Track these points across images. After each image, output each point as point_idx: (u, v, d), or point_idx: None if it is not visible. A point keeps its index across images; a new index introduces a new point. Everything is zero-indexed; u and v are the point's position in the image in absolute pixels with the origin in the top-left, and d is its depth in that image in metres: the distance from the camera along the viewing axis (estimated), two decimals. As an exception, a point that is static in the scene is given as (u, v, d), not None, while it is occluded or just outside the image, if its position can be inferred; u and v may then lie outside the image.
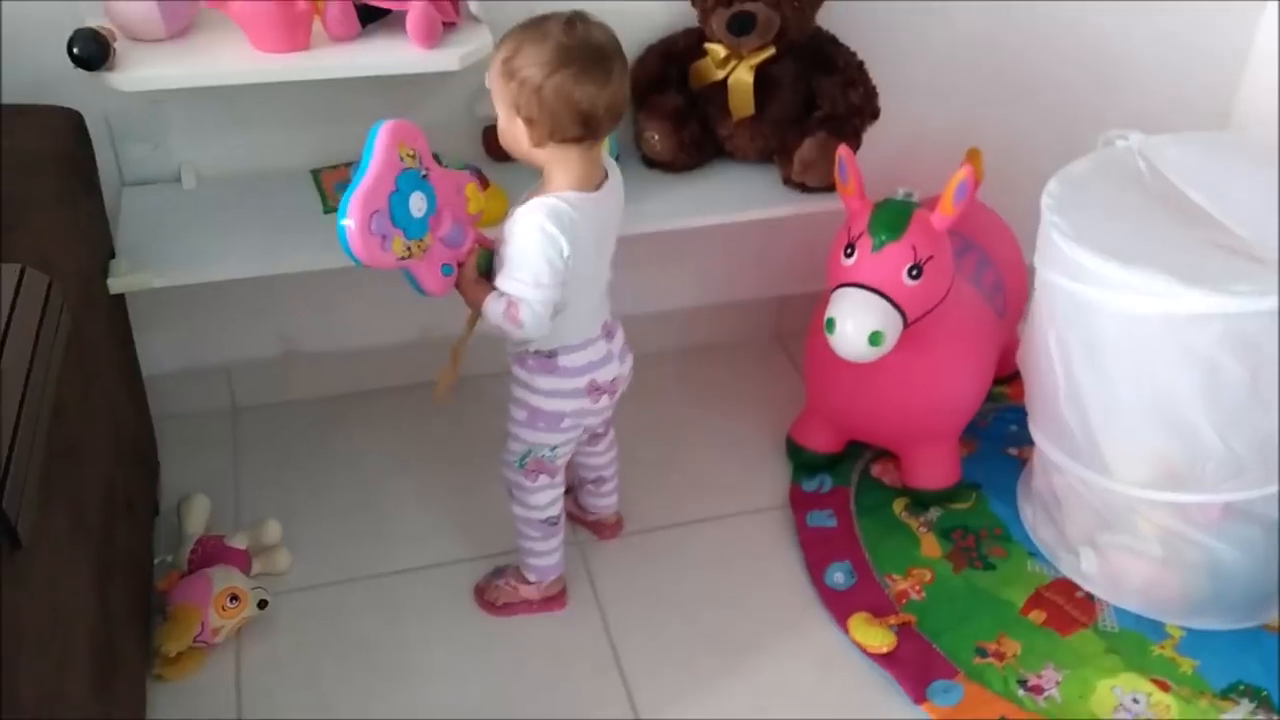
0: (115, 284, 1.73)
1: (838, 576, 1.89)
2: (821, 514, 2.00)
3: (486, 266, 1.58)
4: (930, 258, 1.76)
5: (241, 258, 1.81)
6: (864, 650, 1.78)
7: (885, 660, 1.76)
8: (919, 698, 1.71)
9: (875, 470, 2.10)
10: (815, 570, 1.91)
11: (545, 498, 1.74)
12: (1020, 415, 2.12)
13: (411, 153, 1.49)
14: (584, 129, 1.46)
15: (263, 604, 1.75)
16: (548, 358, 1.61)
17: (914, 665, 1.75)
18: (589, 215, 1.51)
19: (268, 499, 2.01)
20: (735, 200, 1.99)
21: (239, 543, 1.83)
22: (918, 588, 1.88)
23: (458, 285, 1.56)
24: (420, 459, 2.11)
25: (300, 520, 1.95)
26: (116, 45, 1.65)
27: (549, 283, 1.49)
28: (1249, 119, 2.46)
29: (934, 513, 2.01)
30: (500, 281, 1.53)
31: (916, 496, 2.03)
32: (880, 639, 1.77)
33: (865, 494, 2.05)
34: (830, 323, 1.75)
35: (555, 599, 1.83)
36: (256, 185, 1.97)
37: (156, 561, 1.83)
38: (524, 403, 1.66)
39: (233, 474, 2.06)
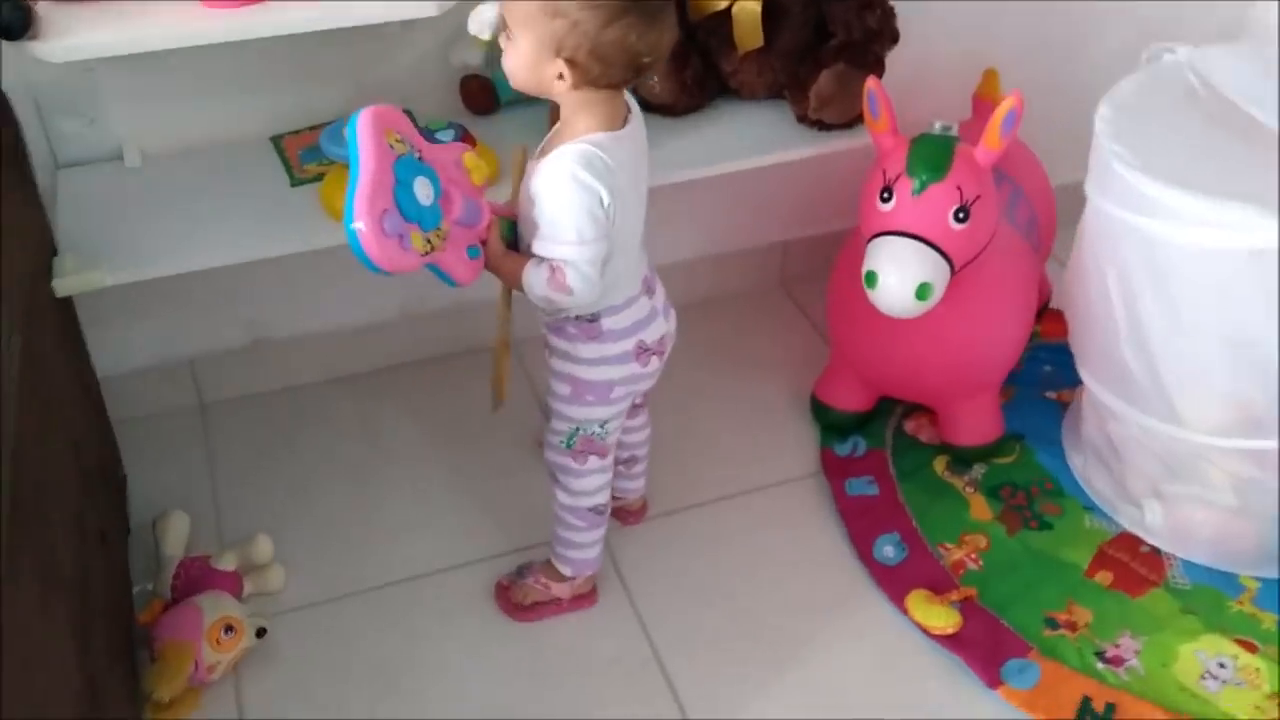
0: (62, 285, 1.51)
1: (887, 550, 1.74)
2: (860, 481, 1.84)
3: (511, 235, 1.39)
4: (977, 198, 1.59)
5: (203, 245, 1.59)
6: (927, 632, 1.63)
7: (951, 642, 1.61)
8: (993, 681, 1.57)
9: (909, 427, 1.94)
10: (861, 544, 1.75)
11: (594, 482, 1.57)
12: (1055, 355, 1.98)
13: (398, 137, 1.29)
14: (634, 74, 1.30)
15: (261, 632, 1.57)
16: (590, 322, 1.43)
17: (983, 645, 1.61)
18: (622, 156, 1.33)
19: (249, 506, 1.81)
20: (748, 144, 1.80)
21: (227, 564, 1.64)
22: (974, 556, 1.73)
23: (488, 266, 1.37)
24: (415, 447, 1.92)
25: (288, 528, 1.76)
26: (38, 7, 1.42)
27: (593, 237, 1.31)
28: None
29: (978, 470, 1.87)
30: (538, 247, 1.34)
31: (958, 454, 1.87)
32: (944, 619, 1.62)
33: (903, 455, 1.89)
34: (871, 277, 1.58)
35: (586, 596, 1.67)
36: (211, 158, 1.74)
37: (135, 590, 1.63)
38: (567, 376, 1.48)
39: (208, 479, 1.86)
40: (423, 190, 1.29)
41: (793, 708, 1.56)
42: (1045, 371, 2.02)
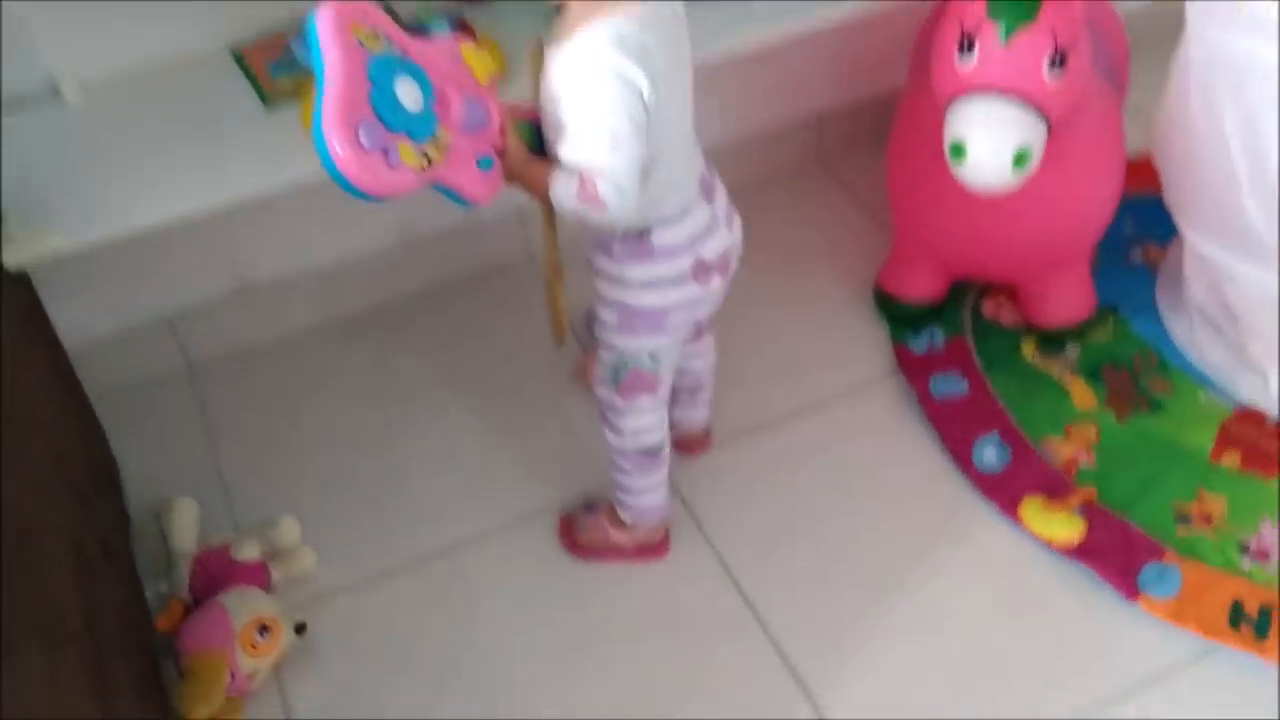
0: (13, 255, 1.27)
1: (988, 454, 1.55)
2: (945, 378, 1.64)
3: (533, 140, 1.15)
4: (1073, 43, 1.35)
5: (170, 190, 1.34)
6: (1049, 544, 1.45)
7: (1079, 553, 1.43)
8: (1131, 591, 1.39)
9: (988, 309, 1.73)
10: (958, 450, 1.56)
11: (644, 421, 1.36)
12: (1139, 211, 1.77)
13: (371, 33, 1.04)
14: None
15: (300, 628, 1.37)
16: (638, 239, 1.21)
17: (1114, 552, 1.43)
18: (660, 34, 1.10)
19: (260, 481, 1.59)
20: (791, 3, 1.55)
21: (250, 553, 1.43)
22: (1085, 451, 1.54)
23: (508, 178, 1.14)
24: (436, 391, 1.70)
25: (306, 501, 1.55)
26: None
27: (630, 137, 1.08)
28: None
29: (1072, 351, 1.66)
30: (565, 153, 1.11)
31: (1048, 335, 1.67)
32: (1066, 528, 1.44)
33: (986, 342, 1.69)
34: (958, 149, 1.35)
35: (655, 548, 1.48)
36: (163, 83, 1.48)
37: (148, 595, 1.42)
38: (614, 302, 1.26)
39: (209, 454, 1.64)
40: (408, 93, 1.05)
41: (909, 642, 1.39)
42: (1127, 230, 1.80)
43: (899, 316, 1.72)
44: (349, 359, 1.75)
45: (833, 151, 2.01)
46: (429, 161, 1.05)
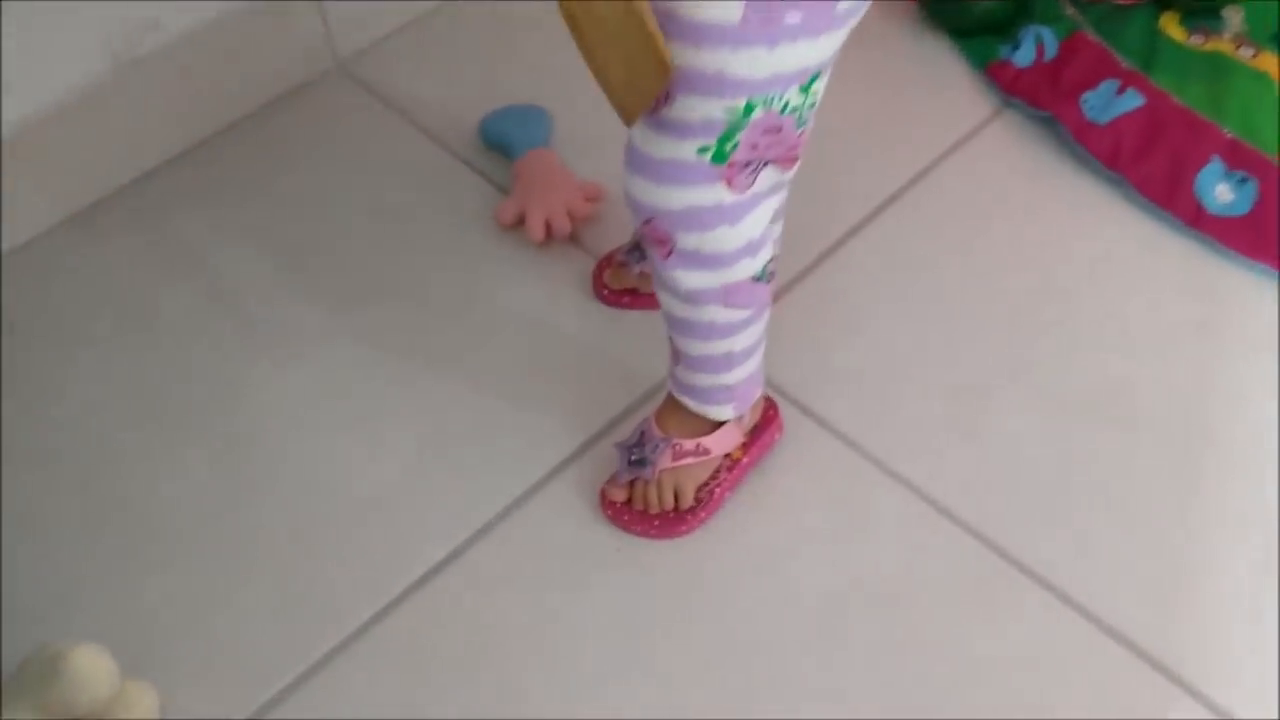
0: None
1: (1220, 191, 0.97)
2: (1101, 94, 1.03)
3: None
4: None
5: None
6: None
7: None
8: None
9: (1084, -16, 1.13)
10: (1173, 198, 0.98)
11: (763, 217, 0.70)
12: None
13: None
14: None
15: None
16: None
17: None
18: None
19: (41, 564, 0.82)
20: None
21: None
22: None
23: None
24: (318, 308, 0.95)
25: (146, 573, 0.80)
26: None
27: None
28: None
29: (1233, 15, 1.10)
30: None
31: (1195, 1, 1.09)
32: None
33: (1117, 30, 1.09)
34: None
35: (765, 427, 0.85)
36: None
37: None
38: None
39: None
40: None
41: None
42: None
43: (972, 20, 1.10)
44: (130, 275, 0.96)
45: None
46: None
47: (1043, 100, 1.04)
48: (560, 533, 0.82)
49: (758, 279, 0.72)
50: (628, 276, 0.93)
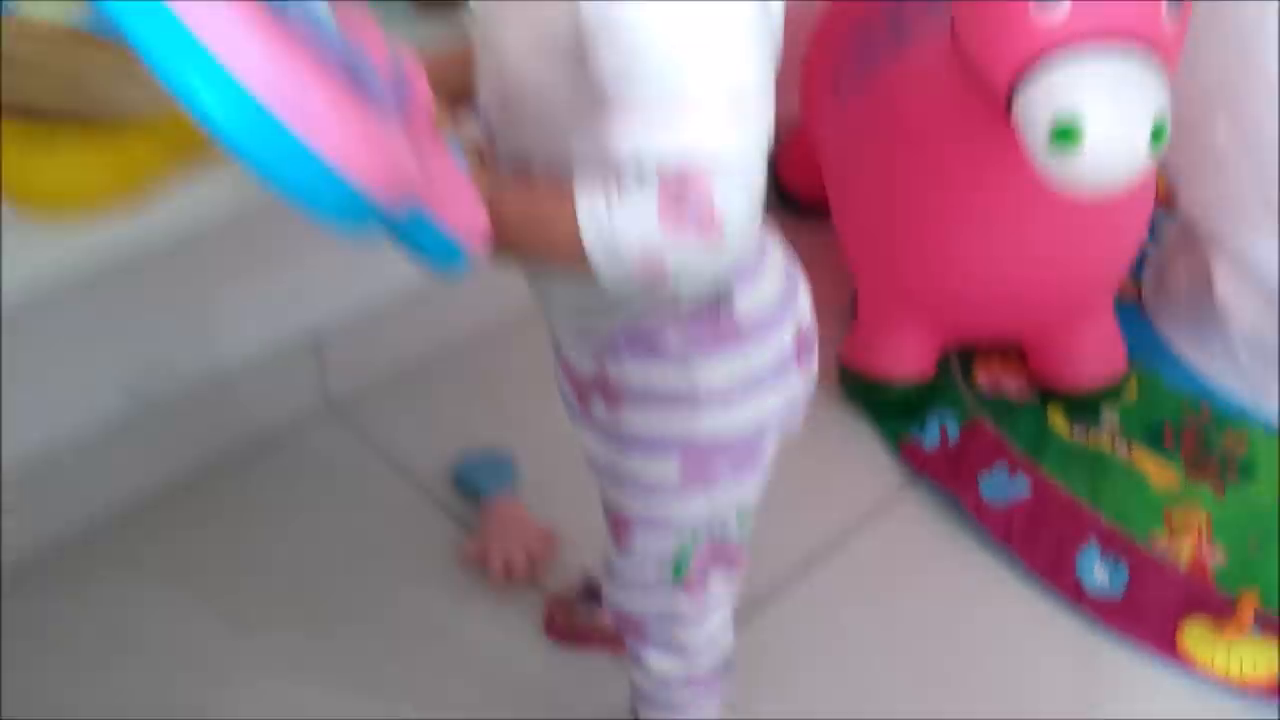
0: None
1: (1097, 573, 1.11)
2: (994, 477, 1.19)
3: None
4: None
5: None
6: (1239, 685, 1.02)
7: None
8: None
9: (983, 380, 1.31)
10: (1055, 574, 1.12)
11: (720, 619, 0.84)
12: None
13: None
14: None
15: None
16: (712, 312, 0.69)
17: (1331, 680, 1.02)
18: None
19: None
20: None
21: None
22: (1203, 544, 1.15)
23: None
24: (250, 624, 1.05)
25: None
26: None
27: (765, 95, 0.59)
28: None
29: (1110, 418, 1.28)
30: (628, 136, 0.57)
31: (1077, 401, 1.28)
32: (1254, 659, 1.03)
33: (1010, 422, 1.26)
34: (1067, 132, 0.92)
35: None
36: None
37: None
38: (670, 441, 0.72)
39: None
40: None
41: None
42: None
43: (886, 404, 1.27)
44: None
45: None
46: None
47: (946, 481, 1.19)
48: None
49: (716, 669, 0.85)
50: (578, 620, 1.04)
